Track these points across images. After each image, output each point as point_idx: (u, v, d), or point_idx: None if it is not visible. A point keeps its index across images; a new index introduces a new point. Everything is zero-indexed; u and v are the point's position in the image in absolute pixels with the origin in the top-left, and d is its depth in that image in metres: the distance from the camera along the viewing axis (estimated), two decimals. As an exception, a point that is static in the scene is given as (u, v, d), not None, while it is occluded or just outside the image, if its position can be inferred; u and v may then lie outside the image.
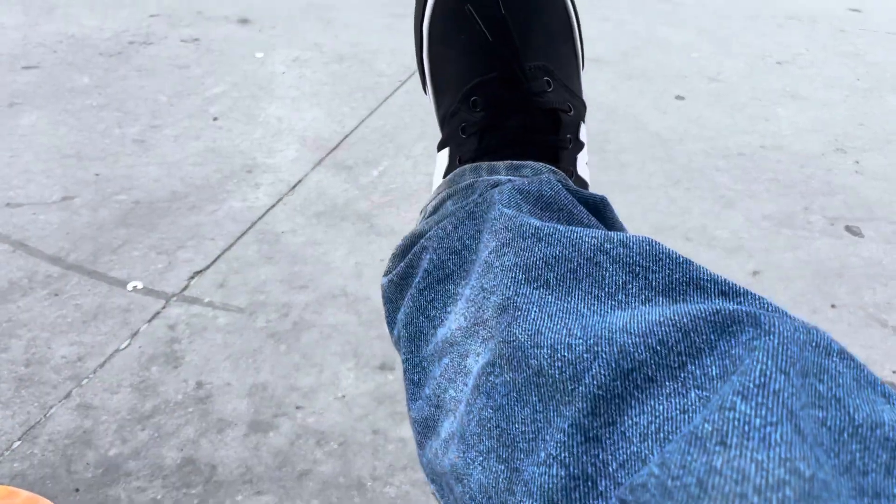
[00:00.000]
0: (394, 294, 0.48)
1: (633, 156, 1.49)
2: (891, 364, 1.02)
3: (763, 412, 0.26)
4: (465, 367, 0.40)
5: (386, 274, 0.50)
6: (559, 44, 0.55)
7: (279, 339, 1.01)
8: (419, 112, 1.62)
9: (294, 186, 1.36)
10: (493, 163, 0.50)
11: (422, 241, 0.47)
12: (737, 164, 1.47)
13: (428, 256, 0.46)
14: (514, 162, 0.50)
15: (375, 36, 2.00)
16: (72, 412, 0.89)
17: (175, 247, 1.19)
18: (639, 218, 1.30)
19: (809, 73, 1.85)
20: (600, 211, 0.47)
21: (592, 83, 1.78)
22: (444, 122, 0.56)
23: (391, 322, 0.49)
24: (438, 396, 0.41)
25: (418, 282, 0.46)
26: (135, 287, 1.09)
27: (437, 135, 0.58)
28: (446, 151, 0.55)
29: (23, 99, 1.62)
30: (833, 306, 1.12)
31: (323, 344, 1.00)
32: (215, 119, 1.58)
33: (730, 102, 1.70)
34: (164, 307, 1.06)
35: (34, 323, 1.02)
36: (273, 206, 1.30)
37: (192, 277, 1.12)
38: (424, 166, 1.43)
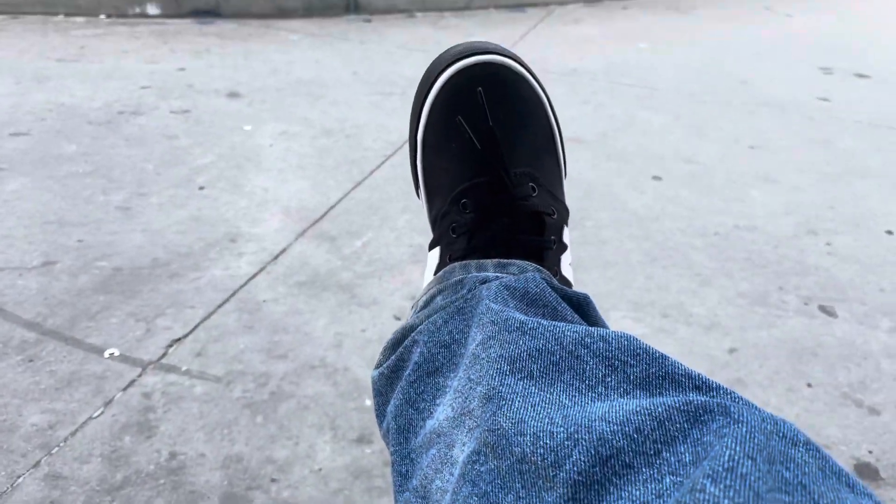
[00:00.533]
0: (384, 387, 0.50)
1: (612, 232, 1.52)
2: (867, 444, 1.02)
3: (731, 494, 0.27)
4: (452, 457, 0.41)
5: (377, 367, 0.51)
6: (543, 153, 0.59)
7: (256, 409, 1.00)
8: (403, 186, 1.65)
9: (277, 256, 1.37)
10: (481, 260, 0.53)
11: (413, 334, 0.49)
12: (712, 243, 1.50)
13: (418, 350, 0.48)
14: (502, 260, 0.53)
15: (362, 112, 2.06)
16: (40, 482, 0.87)
17: (154, 314, 1.18)
18: (617, 294, 1.32)
19: (781, 158, 1.91)
20: (583, 308, 0.49)
21: (573, 162, 1.83)
22: (435, 223, 0.59)
23: (380, 415, 0.51)
24: (425, 487, 0.42)
25: (408, 374, 0.47)
26: (111, 354, 1.08)
27: (420, 209, 0.60)
28: (437, 250, 0.58)
29: (8, 165, 1.63)
30: (809, 385, 1.13)
31: (300, 415, 0.99)
32: (201, 188, 1.59)
33: (705, 184, 1.75)
34: (140, 375, 1.05)
35: (6, 389, 1.01)
36: (255, 274, 1.31)
37: (171, 345, 1.11)
38: (408, 238, 1.44)
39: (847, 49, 2.96)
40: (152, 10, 2.83)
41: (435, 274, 0.57)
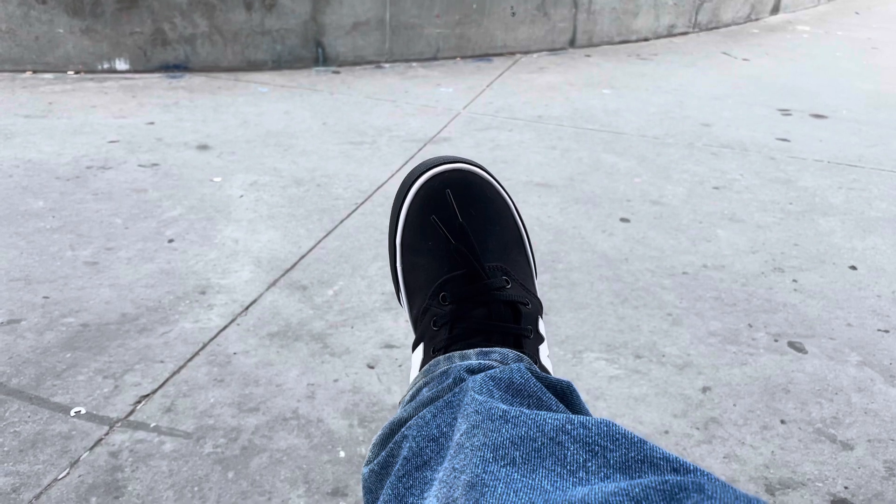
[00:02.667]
0: (373, 484, 0.52)
1: (582, 275, 1.53)
2: (842, 480, 1.02)
3: None
4: None
5: (367, 463, 0.53)
6: (513, 250, 0.65)
7: (227, 465, 0.97)
8: (374, 234, 1.65)
9: (248, 307, 1.35)
10: (464, 351, 0.56)
11: (402, 430, 0.51)
12: (681, 283, 1.52)
13: (407, 445, 0.49)
14: (484, 349, 0.56)
15: (332, 162, 2.07)
16: (0, 549, 0.84)
17: (122, 370, 1.16)
18: (590, 336, 1.33)
19: (745, 198, 1.95)
20: (566, 396, 0.51)
21: (542, 207, 1.86)
22: (416, 322, 0.63)
23: None
24: None
25: (397, 469, 0.49)
26: (77, 412, 1.06)
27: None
28: (420, 348, 0.61)
29: (-26, 222, 1.61)
30: (783, 422, 1.13)
31: (273, 469, 0.97)
32: (170, 241, 1.58)
33: (672, 224, 1.78)
34: (107, 433, 1.02)
35: (-34, 453, 0.97)
36: (226, 326, 1.29)
37: (139, 402, 1.09)
38: (380, 286, 1.44)
39: (804, 91, 3.05)
40: (121, 65, 2.84)
41: (420, 370, 0.59)
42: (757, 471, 1.03)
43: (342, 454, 1.01)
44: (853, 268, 1.61)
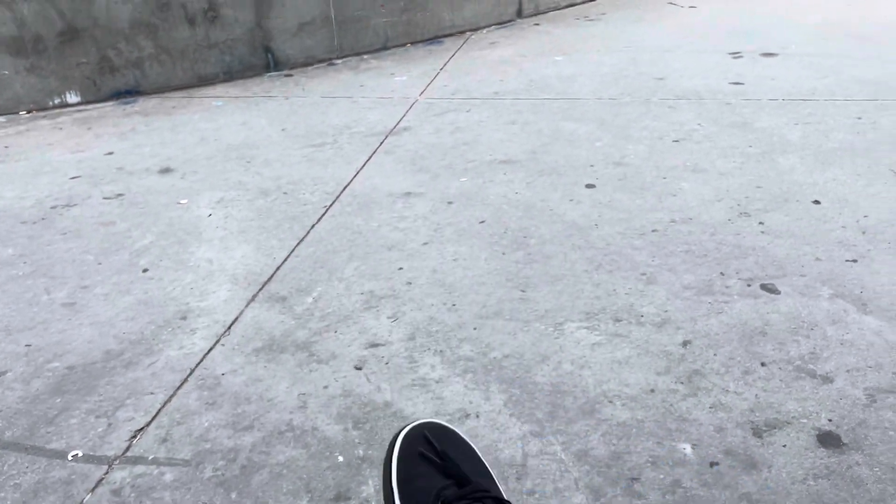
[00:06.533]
0: None
1: (555, 247, 1.55)
2: (826, 413, 1.06)
3: None
4: None
5: None
6: (487, 479, 0.82)
7: (229, 486, 0.99)
8: (346, 234, 1.66)
9: (230, 326, 1.36)
10: None
11: None
12: (652, 241, 1.54)
13: None
14: None
15: (296, 168, 2.07)
16: None
17: (114, 407, 1.17)
18: (569, 306, 1.35)
19: (705, 147, 1.98)
20: None
21: (508, 184, 1.87)
22: None
23: None
24: None
25: None
26: (75, 456, 1.07)
27: (367, 255, 0.64)
28: None
29: (-55, 279, 1.60)
30: (763, 364, 1.17)
31: (275, 484, 0.99)
32: (145, 271, 1.59)
33: (637, 184, 1.81)
34: (106, 472, 1.03)
35: (-30, 512, 0.98)
36: (211, 349, 1.30)
37: (134, 436, 1.10)
38: (357, 286, 1.46)
39: (752, 32, 3.08)
40: (72, 98, 2.81)
41: None
42: (743, 416, 1.06)
43: (341, 459, 1.03)
44: (816, 202, 1.65)
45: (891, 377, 1.11)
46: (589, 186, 1.82)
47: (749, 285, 1.37)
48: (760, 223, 1.58)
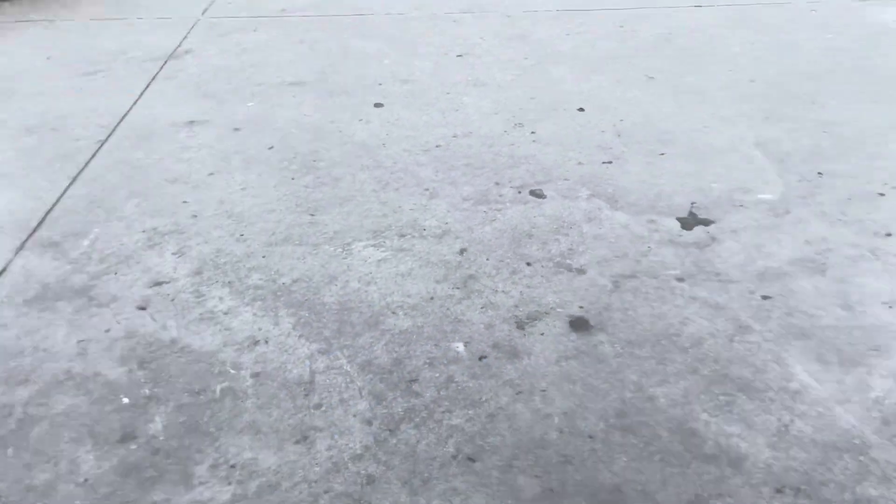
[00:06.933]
0: None
1: (344, 169, 1.58)
2: (578, 301, 1.20)
3: None
4: None
5: None
6: None
7: (4, 443, 0.96)
8: (125, 170, 1.58)
9: (-3, 279, 1.28)
10: None
11: None
12: (436, 157, 1.61)
13: None
14: None
15: (64, 100, 1.91)
16: None
17: None
18: (357, 226, 1.40)
19: (486, 61, 2.06)
20: None
21: (297, 107, 1.86)
22: None
23: None
24: None
25: None
26: None
27: (149, 190, 0.61)
28: None
29: None
30: (528, 264, 1.28)
31: (55, 434, 0.97)
32: None
33: (423, 101, 1.86)
34: None
35: None
36: (-24, 305, 1.22)
37: None
38: (139, 223, 1.41)
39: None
40: None
41: None
42: (509, 311, 1.17)
43: (126, 400, 1.02)
44: (581, 110, 1.79)
45: (633, 264, 1.27)
46: (377, 105, 1.85)
47: (520, 192, 1.48)
48: (532, 132, 1.70)
